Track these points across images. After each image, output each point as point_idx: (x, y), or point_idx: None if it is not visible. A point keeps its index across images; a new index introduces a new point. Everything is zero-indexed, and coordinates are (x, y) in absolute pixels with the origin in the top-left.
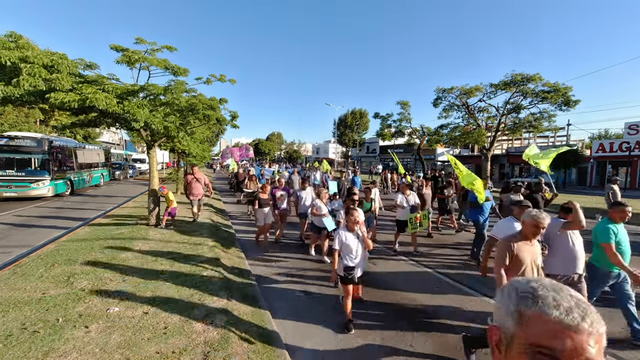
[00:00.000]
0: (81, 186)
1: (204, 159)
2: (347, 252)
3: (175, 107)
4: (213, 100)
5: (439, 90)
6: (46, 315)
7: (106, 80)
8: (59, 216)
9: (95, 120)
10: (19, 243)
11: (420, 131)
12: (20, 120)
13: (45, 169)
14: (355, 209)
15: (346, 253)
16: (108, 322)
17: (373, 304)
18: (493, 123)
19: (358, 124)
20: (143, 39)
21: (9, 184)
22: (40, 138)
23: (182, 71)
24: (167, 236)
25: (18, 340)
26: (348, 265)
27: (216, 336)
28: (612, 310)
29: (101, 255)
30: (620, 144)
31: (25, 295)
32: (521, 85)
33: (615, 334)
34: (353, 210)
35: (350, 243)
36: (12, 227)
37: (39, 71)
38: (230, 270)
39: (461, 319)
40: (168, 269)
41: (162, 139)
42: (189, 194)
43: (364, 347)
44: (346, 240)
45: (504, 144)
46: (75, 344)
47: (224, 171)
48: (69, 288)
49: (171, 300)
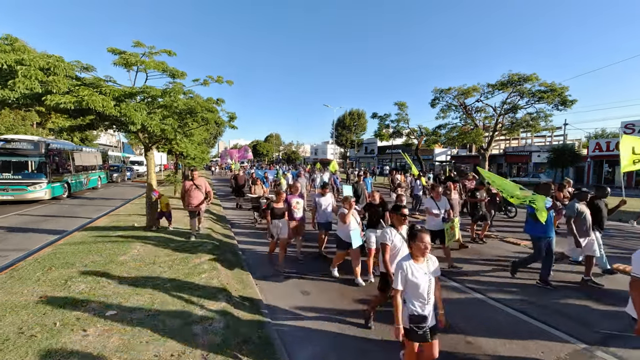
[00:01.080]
0: (78, 189)
1: (203, 160)
2: (415, 294)
3: (173, 109)
4: (210, 100)
5: (437, 90)
6: (43, 319)
7: (103, 83)
8: (56, 219)
9: (93, 123)
10: (16, 246)
11: (418, 131)
12: (17, 123)
13: (42, 171)
14: (425, 231)
15: (413, 295)
16: (106, 325)
17: None
18: (490, 123)
19: (356, 125)
20: (141, 43)
21: (6, 187)
22: (37, 141)
23: (180, 74)
24: (165, 239)
25: (15, 344)
26: (417, 313)
27: (215, 339)
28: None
29: (99, 259)
30: (616, 143)
31: (22, 299)
32: (518, 85)
33: None
34: (423, 234)
35: (419, 280)
36: (8, 230)
37: (35, 73)
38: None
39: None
40: (166, 270)
41: (160, 141)
42: (187, 203)
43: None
44: (412, 275)
45: (501, 143)
46: (73, 348)
47: (223, 173)
48: (66, 291)
49: (169, 303)
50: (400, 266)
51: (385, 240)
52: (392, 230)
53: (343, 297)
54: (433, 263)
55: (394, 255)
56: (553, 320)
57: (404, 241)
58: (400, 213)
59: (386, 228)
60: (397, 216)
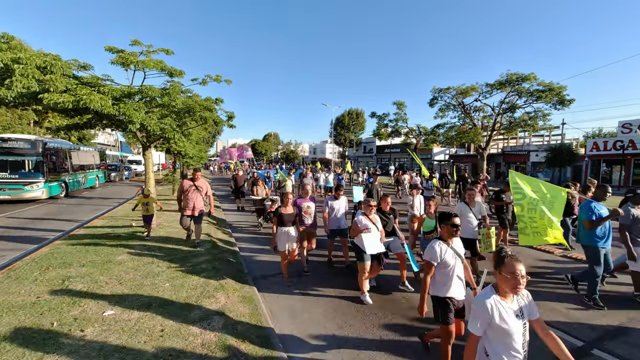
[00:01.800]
0: (76, 188)
1: (201, 159)
2: (504, 346)
3: (171, 108)
4: (209, 100)
5: (435, 90)
6: (41, 320)
7: (101, 82)
8: (54, 219)
9: (91, 122)
10: (13, 247)
11: (416, 131)
12: (14, 122)
13: (39, 171)
14: (517, 259)
15: (501, 348)
16: (104, 325)
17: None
18: (489, 122)
19: (354, 124)
20: (139, 41)
21: (3, 187)
22: (34, 140)
23: (178, 73)
24: (163, 239)
25: (12, 345)
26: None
27: (213, 339)
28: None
29: (96, 258)
30: (614, 142)
31: (19, 299)
32: (516, 85)
33: None
34: (515, 262)
35: (510, 326)
36: (5, 230)
37: (32, 72)
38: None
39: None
40: (165, 270)
41: (158, 140)
42: (184, 207)
43: None
44: (501, 319)
45: (499, 143)
46: (71, 349)
47: (223, 173)
48: (63, 291)
49: (168, 303)
50: (482, 306)
51: (433, 257)
52: (441, 245)
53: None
54: (526, 299)
55: (447, 276)
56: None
57: (457, 256)
58: (451, 223)
59: (434, 241)
60: (448, 227)
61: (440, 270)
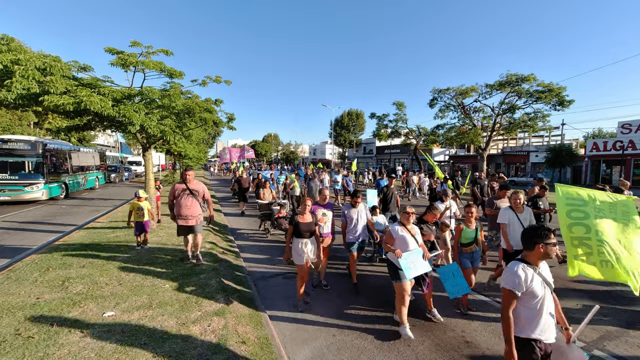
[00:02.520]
0: (76, 189)
1: (200, 160)
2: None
3: (171, 110)
4: (209, 101)
5: (435, 90)
6: (40, 321)
7: (101, 83)
8: (54, 220)
9: (91, 124)
10: (13, 247)
11: (416, 132)
12: (14, 123)
13: (39, 172)
14: None
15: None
16: (104, 327)
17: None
18: (488, 123)
19: (354, 125)
20: (138, 42)
21: (3, 188)
22: (34, 141)
23: (178, 74)
24: (163, 239)
25: (12, 346)
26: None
27: (213, 339)
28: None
29: (96, 259)
30: (614, 142)
31: (19, 300)
32: (516, 86)
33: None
34: None
35: None
36: (5, 231)
37: (32, 74)
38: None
39: None
40: (164, 271)
41: (158, 141)
42: (177, 214)
43: None
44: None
45: (499, 143)
46: (71, 350)
47: (222, 174)
48: (63, 292)
49: (167, 304)
50: None
51: (517, 285)
52: (526, 269)
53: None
54: None
55: (534, 310)
56: None
57: (545, 286)
58: (547, 242)
59: (516, 264)
60: (549, 247)
61: (525, 304)
